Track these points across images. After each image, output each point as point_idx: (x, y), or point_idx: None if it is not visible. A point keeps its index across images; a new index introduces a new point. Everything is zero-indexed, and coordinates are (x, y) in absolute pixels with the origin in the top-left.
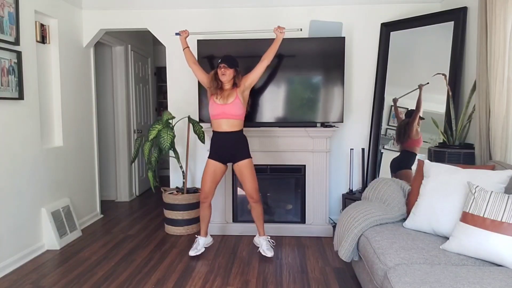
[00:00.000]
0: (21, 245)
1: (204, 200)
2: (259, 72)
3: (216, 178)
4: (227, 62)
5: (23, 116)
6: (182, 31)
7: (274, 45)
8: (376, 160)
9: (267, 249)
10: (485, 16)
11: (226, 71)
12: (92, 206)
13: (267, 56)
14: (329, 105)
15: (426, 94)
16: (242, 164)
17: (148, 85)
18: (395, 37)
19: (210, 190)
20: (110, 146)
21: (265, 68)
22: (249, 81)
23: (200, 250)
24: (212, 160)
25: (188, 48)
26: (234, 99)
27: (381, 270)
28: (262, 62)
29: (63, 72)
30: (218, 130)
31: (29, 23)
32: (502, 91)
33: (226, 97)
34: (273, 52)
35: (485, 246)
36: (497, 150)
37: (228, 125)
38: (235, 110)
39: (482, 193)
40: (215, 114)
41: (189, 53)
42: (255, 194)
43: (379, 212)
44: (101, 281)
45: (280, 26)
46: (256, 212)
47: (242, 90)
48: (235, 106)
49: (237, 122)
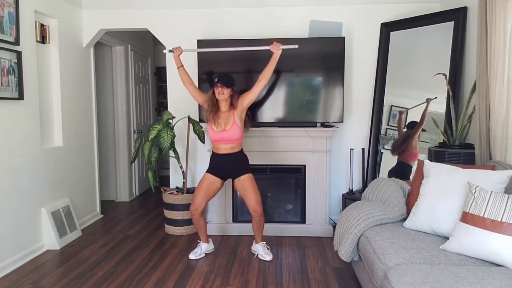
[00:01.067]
0: (21, 245)
1: (194, 212)
2: (257, 92)
3: (209, 192)
4: (224, 81)
5: (23, 116)
6: (175, 48)
7: (271, 63)
8: (376, 160)
9: (265, 253)
10: (485, 16)
11: (223, 90)
12: (92, 206)
13: (264, 75)
14: (329, 105)
15: (426, 94)
16: (243, 178)
17: (148, 85)
18: (395, 37)
19: (200, 203)
20: (110, 146)
21: (263, 87)
22: (246, 101)
23: (201, 255)
24: (209, 174)
25: (182, 67)
26: (231, 125)
27: (381, 270)
28: (260, 82)
29: (63, 72)
30: (218, 152)
31: (29, 23)
32: (502, 91)
33: (223, 124)
34: (271, 70)
35: (485, 246)
36: (497, 150)
37: (227, 148)
38: (234, 136)
39: (482, 193)
40: (214, 140)
41: (184, 73)
42: (259, 208)
43: (379, 212)
44: (101, 281)
45: (276, 43)
46: (258, 225)
47: (239, 112)
48: (233, 132)
49: (236, 145)
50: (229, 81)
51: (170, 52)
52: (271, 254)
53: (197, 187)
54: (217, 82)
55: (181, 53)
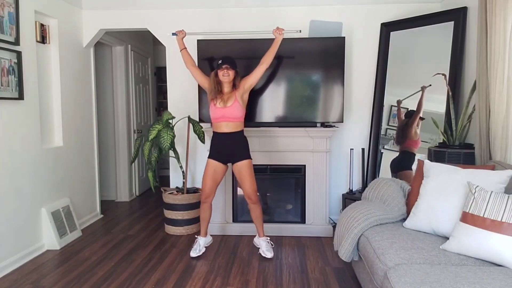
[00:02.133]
0: (21, 245)
1: (206, 200)
2: (258, 75)
3: (216, 178)
4: (229, 63)
5: (23, 116)
6: (179, 31)
7: (273, 47)
8: (376, 160)
9: (267, 250)
10: (485, 16)
11: (228, 71)
12: (92, 206)
13: (266, 59)
14: (329, 105)
15: (427, 94)
16: (241, 164)
17: (148, 85)
18: (395, 37)
19: (211, 190)
20: (110, 146)
21: (264, 70)
22: (248, 83)
23: (201, 250)
24: (212, 160)
25: (185, 50)
26: (233, 102)
27: (381, 270)
28: (261, 65)
29: (63, 72)
30: (219, 131)
31: (29, 23)
32: (502, 91)
33: (225, 101)
34: (272, 54)
35: (485, 246)
36: (497, 150)
37: (228, 127)
38: (235, 113)
39: (482, 193)
40: (215, 118)
41: (187, 55)
42: (254, 195)
43: (379, 212)
44: (101, 281)
45: (279, 28)
46: (255, 213)
47: (241, 93)
48: (234, 109)
49: (237, 124)
50: (234, 63)
51: (173, 35)
52: (272, 251)
53: (204, 175)
54: (221, 64)
55: (185, 35)
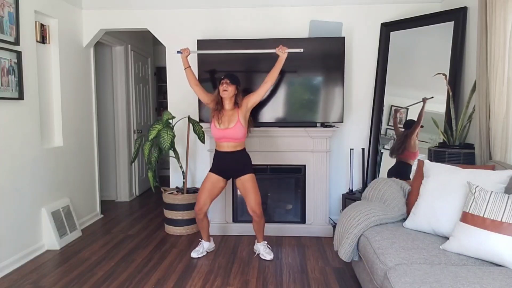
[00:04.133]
0: (21, 245)
1: (199, 212)
2: (262, 93)
3: (213, 192)
4: (229, 78)
5: (23, 116)
6: (184, 49)
7: (277, 65)
8: (376, 160)
9: (266, 252)
10: (485, 16)
11: (228, 87)
12: (92, 206)
13: (270, 77)
14: (329, 105)
15: (427, 94)
16: (244, 178)
17: (148, 85)
18: (395, 37)
19: (205, 203)
20: (110, 146)
21: (268, 89)
22: (251, 102)
23: (203, 253)
24: (212, 173)
25: (189, 68)
26: (235, 124)
27: (381, 270)
28: (266, 84)
29: (63, 72)
30: (220, 150)
31: (29, 23)
32: (502, 91)
33: (227, 122)
34: (277, 72)
35: (485, 246)
36: (497, 150)
37: (230, 146)
38: (237, 134)
39: (482, 193)
40: (217, 138)
41: (191, 74)
42: (258, 209)
43: (379, 212)
44: (101, 281)
45: (282, 46)
46: (258, 225)
47: (244, 112)
48: (236, 131)
49: (239, 143)
50: (235, 78)
51: (178, 53)
52: (272, 253)
53: (201, 187)
54: (223, 79)
55: (189, 54)
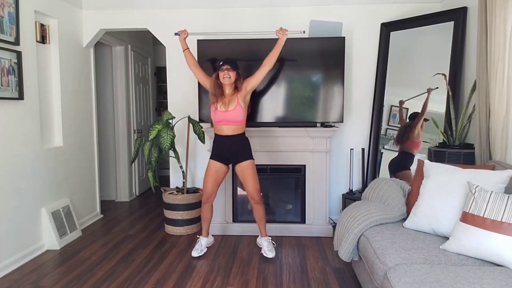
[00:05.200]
0: (21, 245)
1: (207, 201)
2: (261, 77)
3: (218, 178)
4: (230, 64)
5: (23, 116)
6: (181, 31)
7: (277, 48)
8: (376, 160)
9: (268, 250)
10: (485, 16)
11: (229, 73)
12: (92, 206)
13: (269, 60)
14: (329, 105)
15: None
16: (244, 164)
17: (148, 85)
18: (395, 37)
19: (212, 191)
20: (110, 146)
21: (267, 72)
22: (250, 85)
23: (203, 250)
24: (213, 161)
25: (188, 50)
26: (235, 106)
27: (381, 270)
28: (264, 67)
29: (63, 72)
30: (220, 134)
31: (29, 23)
32: (502, 91)
33: (227, 104)
34: (275, 55)
35: (485, 246)
36: (497, 150)
37: (230, 130)
38: (237, 117)
39: (482, 193)
40: (217, 121)
41: (190, 55)
42: (257, 195)
43: (379, 212)
44: (101, 281)
45: (282, 28)
46: (258, 214)
47: (243, 95)
48: (236, 113)
49: (239, 126)
50: (235, 64)
51: (176, 35)
52: (274, 251)
53: (205, 176)
54: (222, 65)
55: (187, 35)
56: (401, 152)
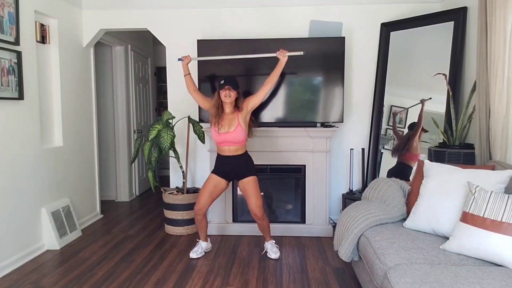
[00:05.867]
0: (21, 245)
1: (198, 212)
2: (262, 96)
3: (214, 193)
4: (231, 84)
5: (23, 116)
6: (184, 57)
7: (278, 68)
8: (376, 160)
9: (272, 251)
10: (485, 16)
11: (230, 93)
12: (92, 206)
13: (270, 80)
14: (329, 105)
15: (427, 94)
16: (246, 181)
17: (148, 85)
18: (395, 37)
19: (205, 204)
20: (110, 146)
21: (268, 91)
22: (251, 104)
23: (201, 253)
24: (214, 175)
25: (189, 75)
26: (235, 127)
27: (381, 270)
28: (266, 86)
29: (63, 72)
30: (222, 154)
31: (29, 23)
32: (502, 91)
33: (227, 125)
34: (277, 75)
35: (485, 246)
36: (497, 150)
37: (231, 150)
38: (237, 138)
39: (482, 193)
40: (218, 142)
41: (190, 80)
42: (259, 212)
43: (379, 212)
44: (101, 281)
45: (282, 50)
46: (261, 227)
47: (244, 115)
48: (237, 134)
49: (240, 146)
50: (236, 83)
51: (179, 60)
52: (278, 252)
53: (202, 187)
54: (224, 85)
55: (190, 61)
56: (399, 163)
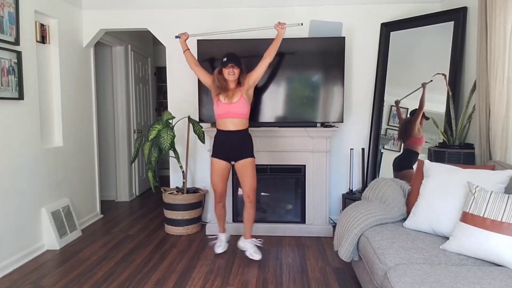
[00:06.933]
0: (21, 245)
1: (220, 200)
2: (262, 70)
3: (225, 176)
4: (235, 61)
5: (23, 116)
6: (182, 34)
7: (276, 41)
8: (376, 160)
9: (255, 252)
10: (485, 16)
11: (234, 70)
12: (92, 206)
13: (269, 53)
14: (329, 105)
15: (427, 94)
16: (244, 162)
17: (148, 85)
18: (395, 37)
19: (223, 189)
20: (110, 146)
21: (268, 65)
22: (252, 79)
23: (226, 245)
24: (216, 159)
25: (188, 50)
26: (239, 98)
27: (381, 270)
28: (265, 60)
29: (63, 72)
30: (223, 129)
31: (29, 23)
32: (502, 91)
33: (231, 97)
34: (275, 48)
35: (485, 246)
36: (497, 150)
37: (233, 124)
38: (240, 109)
39: (482, 193)
40: (220, 114)
41: (190, 55)
42: (252, 194)
43: (379, 212)
44: (101, 281)
45: (280, 22)
46: (248, 214)
47: (246, 89)
48: (240, 105)
49: (242, 121)
50: (239, 61)
51: (176, 37)
52: (260, 253)
53: (212, 175)
54: (227, 62)
55: (187, 38)
56: (405, 150)
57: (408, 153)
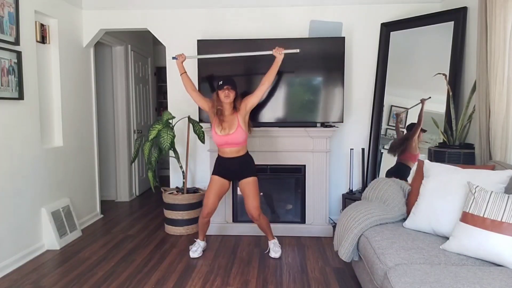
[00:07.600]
0: (21, 245)
1: (206, 216)
2: (260, 95)
3: (221, 193)
4: (230, 84)
5: (23, 116)
6: (179, 55)
7: (274, 67)
8: (376, 160)
9: (274, 250)
10: (485, 16)
11: (229, 93)
12: (92, 206)
13: (267, 78)
14: (329, 105)
15: (427, 94)
16: (245, 181)
17: (148, 85)
18: (395, 37)
19: (213, 205)
20: (110, 146)
21: (266, 90)
22: (249, 104)
23: (201, 253)
24: (217, 176)
25: (185, 74)
26: (236, 128)
27: (381, 270)
28: (263, 85)
29: (63, 72)
30: (223, 156)
31: (29, 23)
32: (502, 91)
33: (228, 127)
34: (273, 74)
35: (485, 246)
36: (497, 150)
37: (233, 152)
38: (238, 139)
39: (482, 193)
40: (218, 143)
41: (187, 79)
42: (255, 213)
43: (379, 212)
44: (101, 281)
45: (278, 48)
46: (261, 227)
47: (243, 115)
48: (237, 135)
49: (241, 148)
50: (234, 84)
51: (173, 59)
52: (279, 251)
53: (208, 190)
54: (223, 85)
55: (184, 59)
56: (398, 163)
57: (401, 166)
